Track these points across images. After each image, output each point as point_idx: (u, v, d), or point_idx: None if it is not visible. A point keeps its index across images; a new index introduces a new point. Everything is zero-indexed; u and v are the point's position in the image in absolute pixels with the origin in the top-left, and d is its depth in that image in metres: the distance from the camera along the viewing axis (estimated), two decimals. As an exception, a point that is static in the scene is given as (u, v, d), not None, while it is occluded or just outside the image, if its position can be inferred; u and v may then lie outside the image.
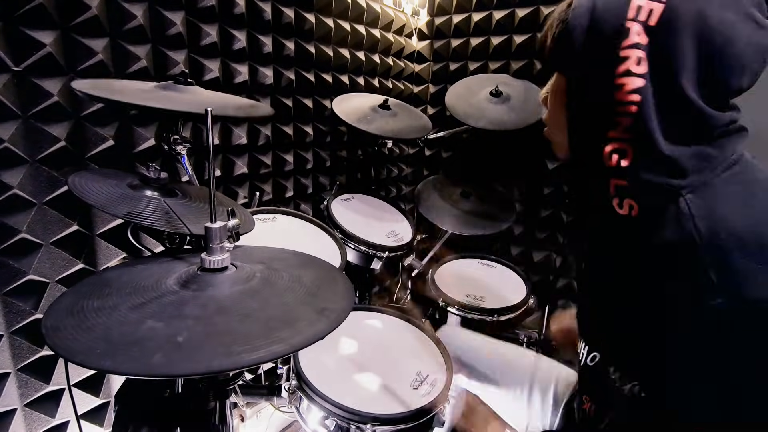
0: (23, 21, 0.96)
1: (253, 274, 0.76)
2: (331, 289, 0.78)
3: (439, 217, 1.75)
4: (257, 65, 1.54)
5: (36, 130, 1.02)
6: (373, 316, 1.29)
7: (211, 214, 0.74)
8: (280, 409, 1.23)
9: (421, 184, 1.94)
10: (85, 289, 0.69)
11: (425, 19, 2.27)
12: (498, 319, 1.52)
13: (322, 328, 0.63)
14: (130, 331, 0.57)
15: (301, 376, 0.98)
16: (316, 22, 1.70)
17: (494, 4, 2.03)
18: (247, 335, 0.58)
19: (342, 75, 1.91)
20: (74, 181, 0.83)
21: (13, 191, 1.00)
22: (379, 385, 1.02)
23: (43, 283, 1.10)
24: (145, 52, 1.20)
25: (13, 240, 1.02)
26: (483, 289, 1.67)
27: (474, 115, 1.72)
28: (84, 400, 1.24)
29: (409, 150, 2.45)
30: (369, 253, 1.50)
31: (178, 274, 0.74)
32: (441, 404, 0.97)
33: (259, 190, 1.64)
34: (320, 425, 0.95)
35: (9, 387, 1.08)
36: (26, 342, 1.10)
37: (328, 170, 1.98)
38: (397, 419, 0.92)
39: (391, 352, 1.15)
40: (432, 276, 1.73)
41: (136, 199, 0.86)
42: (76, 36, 1.06)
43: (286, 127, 1.72)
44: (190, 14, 1.30)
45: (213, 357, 0.53)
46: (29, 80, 0.99)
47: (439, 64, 2.29)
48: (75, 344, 0.54)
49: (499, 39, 2.04)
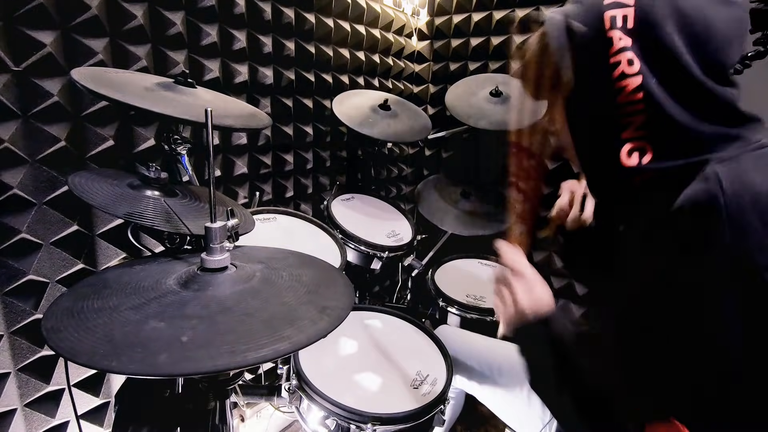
0: (23, 21, 0.96)
1: (253, 273, 0.76)
2: (332, 288, 0.78)
3: (439, 217, 1.75)
4: (257, 65, 1.54)
5: (36, 130, 1.02)
6: (373, 315, 1.29)
7: (211, 214, 0.74)
8: (280, 409, 1.24)
9: (421, 184, 1.94)
10: (85, 289, 0.69)
11: (425, 19, 2.28)
12: (498, 319, 1.52)
13: (323, 326, 0.63)
14: (133, 331, 0.57)
15: (301, 376, 0.98)
16: (316, 22, 1.70)
17: (494, 4, 2.04)
18: (250, 334, 0.59)
19: (342, 75, 1.91)
20: (74, 181, 0.83)
21: (13, 191, 1.00)
22: (379, 384, 1.02)
23: (43, 283, 1.10)
24: (145, 52, 1.20)
25: (13, 240, 1.02)
26: (483, 289, 1.67)
27: (474, 115, 1.72)
28: (84, 400, 1.24)
29: (409, 150, 2.45)
30: (369, 253, 1.50)
31: (179, 274, 0.74)
32: (441, 404, 0.97)
33: (259, 190, 1.64)
34: (320, 425, 0.95)
35: (9, 387, 1.08)
36: (26, 342, 1.09)
37: (328, 170, 1.98)
38: (397, 419, 0.92)
39: (392, 352, 1.15)
40: (432, 276, 1.73)
41: (136, 199, 0.86)
42: (76, 36, 1.05)
43: (286, 127, 1.72)
44: (190, 14, 1.30)
45: (218, 356, 0.53)
46: (29, 80, 0.99)
47: (439, 64, 2.29)
48: (77, 345, 0.54)
49: (499, 39, 2.04)
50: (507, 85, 1.82)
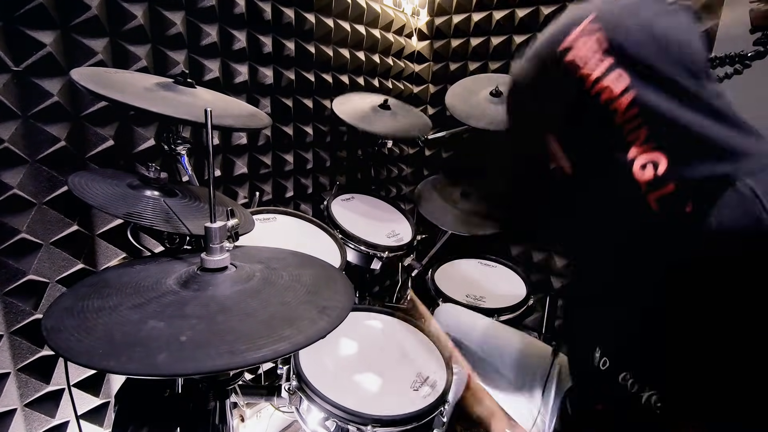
0: (23, 21, 0.96)
1: (253, 273, 0.76)
2: (331, 288, 0.78)
3: (439, 217, 1.75)
4: (257, 65, 1.54)
5: (36, 130, 1.02)
6: (373, 316, 1.29)
7: (210, 214, 0.74)
8: (280, 410, 1.23)
9: (421, 184, 1.94)
10: (85, 289, 0.69)
11: (425, 19, 2.27)
12: (498, 319, 1.52)
13: (323, 326, 0.63)
14: (133, 331, 0.57)
15: (301, 377, 0.98)
16: (316, 22, 1.70)
17: (494, 4, 2.03)
18: (250, 334, 0.58)
19: (342, 75, 1.91)
20: (74, 181, 0.83)
21: (13, 191, 1.00)
22: (379, 386, 1.02)
23: (43, 283, 1.10)
24: (145, 52, 1.20)
25: (13, 240, 1.02)
26: (483, 289, 1.67)
27: (474, 115, 1.72)
28: (84, 400, 1.24)
29: (409, 150, 2.45)
30: (369, 253, 1.50)
31: (178, 274, 0.74)
32: (441, 406, 0.97)
33: (259, 190, 1.64)
34: (320, 426, 0.95)
35: (9, 387, 1.08)
36: (26, 342, 1.09)
37: (328, 170, 1.98)
38: (397, 421, 0.92)
39: (392, 353, 1.15)
40: (432, 276, 1.73)
41: (136, 199, 0.86)
42: (76, 36, 1.05)
43: (286, 127, 1.72)
44: (190, 14, 1.30)
45: (218, 356, 0.53)
46: (29, 80, 0.99)
47: (439, 64, 2.29)
48: (77, 345, 0.54)
49: (499, 39, 2.04)
50: (507, 85, 1.82)
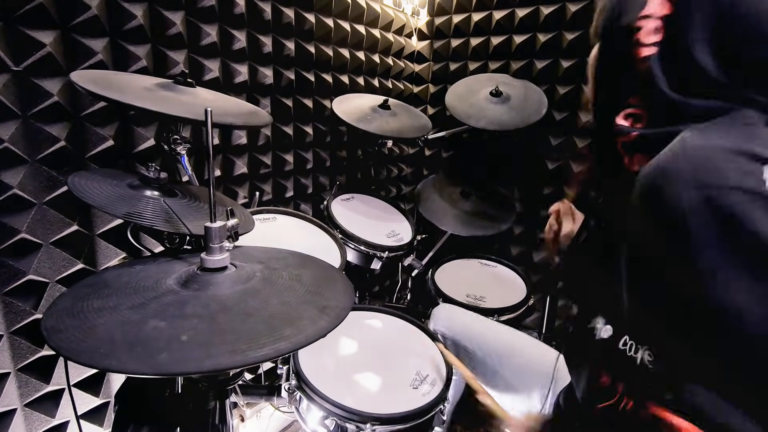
0: (23, 21, 0.96)
1: (253, 273, 0.76)
2: (331, 287, 0.78)
3: (439, 217, 1.75)
4: (257, 65, 1.54)
5: (36, 130, 1.02)
6: (373, 316, 1.29)
7: (210, 214, 0.74)
8: (280, 409, 1.24)
9: (421, 184, 1.95)
10: (85, 289, 0.69)
11: (425, 19, 2.28)
12: (498, 319, 1.53)
13: (324, 325, 0.63)
14: (133, 330, 0.57)
15: (300, 376, 0.98)
16: (316, 22, 1.71)
17: (494, 4, 2.04)
18: (251, 333, 0.59)
19: (342, 75, 1.91)
20: (74, 181, 0.83)
21: (13, 191, 1.00)
22: (378, 384, 1.02)
23: (43, 283, 1.10)
24: (145, 52, 1.20)
25: (13, 240, 1.02)
26: (483, 289, 1.68)
27: (474, 115, 1.73)
28: (84, 400, 1.24)
29: (409, 150, 2.45)
30: (369, 253, 1.50)
31: (178, 273, 0.74)
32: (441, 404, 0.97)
33: (259, 190, 1.64)
34: (320, 425, 0.95)
35: (9, 387, 1.08)
36: (26, 342, 1.09)
37: (328, 170, 1.98)
38: (396, 419, 0.92)
39: (391, 352, 1.15)
40: (432, 276, 1.73)
41: (136, 199, 0.86)
42: (76, 36, 1.06)
43: (286, 127, 1.72)
44: (190, 14, 1.30)
45: (219, 355, 0.54)
46: (29, 80, 0.99)
47: (439, 64, 2.29)
48: (77, 345, 0.54)
49: (499, 39, 2.04)
50: (507, 85, 1.82)
